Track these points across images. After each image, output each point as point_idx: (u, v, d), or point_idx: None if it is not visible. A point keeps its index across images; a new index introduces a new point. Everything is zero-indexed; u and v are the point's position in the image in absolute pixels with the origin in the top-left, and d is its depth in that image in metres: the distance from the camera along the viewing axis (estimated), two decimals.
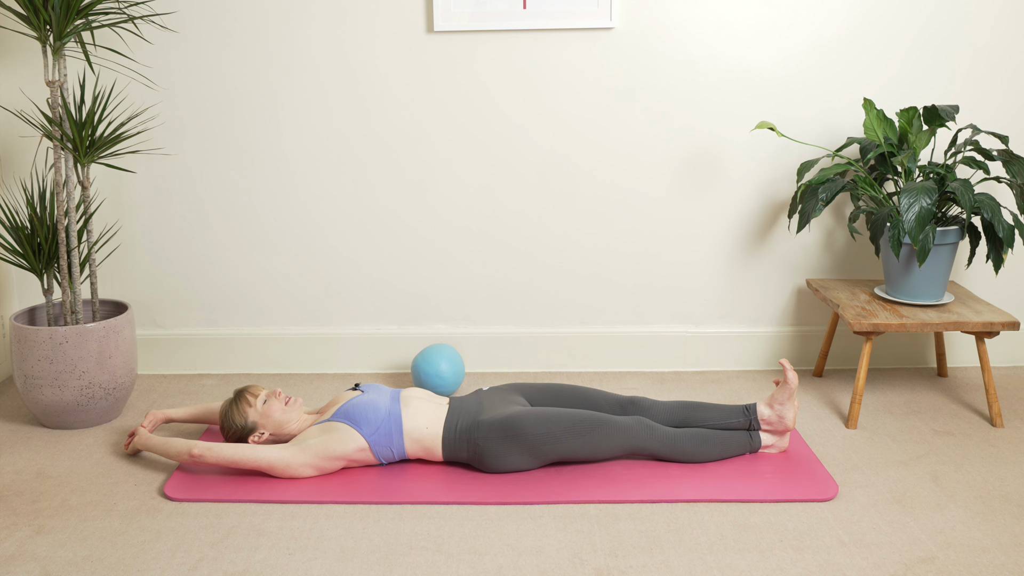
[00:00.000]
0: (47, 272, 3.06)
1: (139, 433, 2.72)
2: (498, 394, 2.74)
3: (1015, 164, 2.92)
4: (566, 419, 2.56)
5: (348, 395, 2.73)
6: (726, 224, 3.38)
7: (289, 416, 2.68)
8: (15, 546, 2.29)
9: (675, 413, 2.72)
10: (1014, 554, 2.22)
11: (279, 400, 2.68)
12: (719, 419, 2.69)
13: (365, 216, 3.39)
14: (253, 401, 2.67)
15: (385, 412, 2.61)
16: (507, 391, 2.77)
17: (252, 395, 2.69)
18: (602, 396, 2.77)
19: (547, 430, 2.54)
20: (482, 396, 2.73)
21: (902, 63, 3.26)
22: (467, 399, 2.72)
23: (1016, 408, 3.10)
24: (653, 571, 2.16)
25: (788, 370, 2.65)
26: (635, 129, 3.31)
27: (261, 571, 2.18)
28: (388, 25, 3.24)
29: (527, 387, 2.80)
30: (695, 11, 3.22)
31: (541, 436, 2.54)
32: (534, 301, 3.46)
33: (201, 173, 3.37)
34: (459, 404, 2.68)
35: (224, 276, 3.45)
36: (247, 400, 2.68)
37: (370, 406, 2.61)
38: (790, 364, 2.71)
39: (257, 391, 2.71)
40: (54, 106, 2.88)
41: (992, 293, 3.46)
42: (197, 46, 3.27)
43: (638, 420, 2.63)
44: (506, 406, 2.66)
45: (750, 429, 2.69)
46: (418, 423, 2.61)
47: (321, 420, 2.64)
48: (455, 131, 3.31)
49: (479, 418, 2.60)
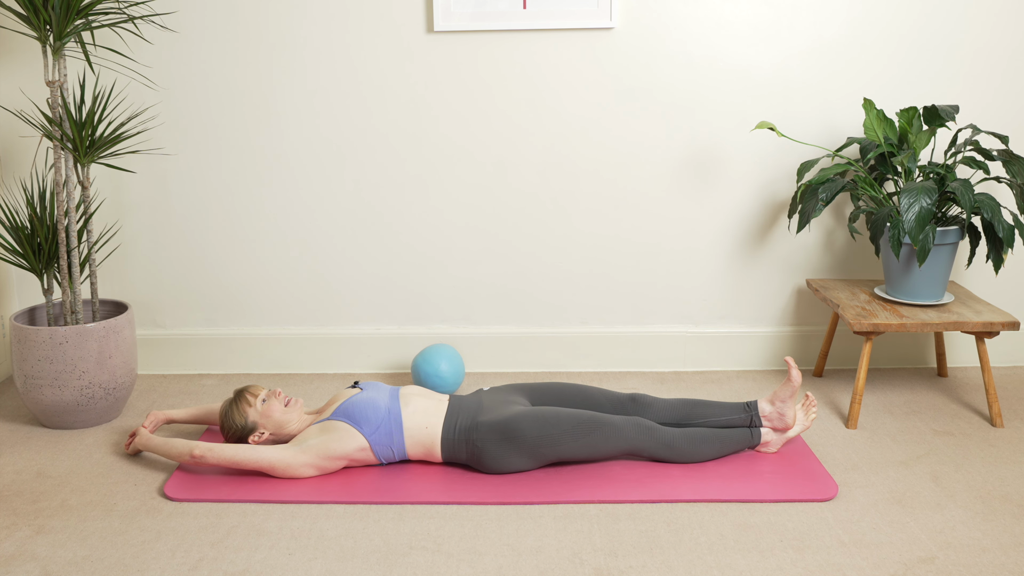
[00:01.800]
0: (47, 272, 3.06)
1: (140, 434, 2.72)
2: (498, 394, 2.74)
3: (1015, 164, 2.92)
4: (565, 421, 2.56)
5: (347, 393, 2.72)
6: (726, 224, 3.38)
7: (289, 416, 2.68)
8: (15, 546, 2.29)
9: (676, 410, 2.72)
10: (1014, 554, 2.22)
11: (279, 400, 2.68)
12: (720, 416, 2.69)
13: (365, 216, 3.39)
14: (253, 401, 2.67)
15: (385, 410, 2.60)
16: (507, 391, 2.76)
17: (252, 395, 2.69)
18: (603, 395, 2.77)
19: (545, 432, 2.54)
20: (482, 396, 2.72)
21: (902, 63, 3.26)
22: (467, 399, 2.71)
23: (1016, 408, 3.10)
24: (653, 571, 2.16)
25: (792, 368, 2.66)
26: (635, 129, 3.31)
27: (261, 571, 2.18)
28: (388, 25, 3.24)
29: (528, 387, 2.79)
30: (695, 11, 3.22)
31: (539, 438, 2.54)
32: (534, 301, 3.46)
33: (201, 173, 3.37)
34: (458, 403, 2.67)
35: (224, 276, 3.45)
36: (247, 400, 2.68)
37: (370, 404, 2.60)
38: (795, 363, 2.71)
39: (257, 391, 2.70)
40: (54, 106, 2.88)
41: (992, 293, 3.46)
42: (197, 46, 3.27)
43: (637, 422, 2.62)
44: (505, 407, 2.65)
45: (751, 426, 2.69)
46: (417, 422, 2.61)
47: (321, 419, 2.64)
48: (455, 131, 3.31)
49: (478, 419, 2.59)
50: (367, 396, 2.64)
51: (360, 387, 2.73)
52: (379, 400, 2.63)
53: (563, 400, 2.76)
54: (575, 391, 2.78)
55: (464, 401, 2.69)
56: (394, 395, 2.67)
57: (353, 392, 2.71)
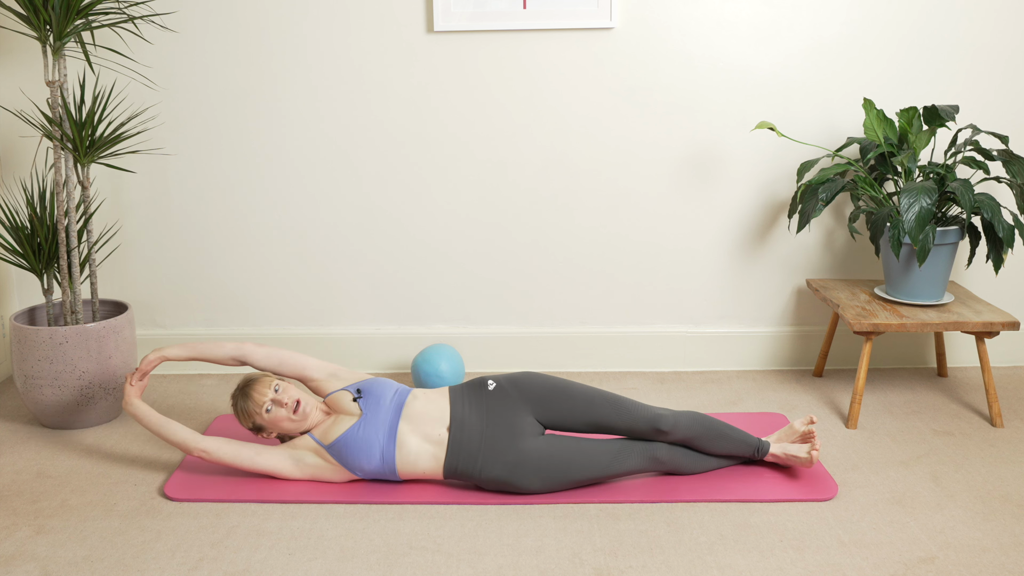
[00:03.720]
0: (47, 272, 3.06)
1: (135, 405, 2.62)
2: (501, 414, 2.52)
3: (1015, 164, 2.92)
4: (568, 476, 2.48)
5: (346, 409, 2.58)
6: (726, 224, 3.38)
7: (298, 425, 2.57)
8: (15, 546, 2.29)
9: (691, 431, 2.56)
10: (1014, 554, 2.22)
11: (286, 409, 2.54)
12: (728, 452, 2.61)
13: (365, 216, 3.39)
14: (259, 409, 2.55)
15: (379, 456, 2.49)
16: (513, 407, 2.54)
17: (257, 403, 2.54)
18: (617, 415, 2.55)
19: (547, 486, 2.49)
20: (484, 427, 2.50)
21: (902, 63, 3.26)
22: (467, 432, 2.50)
23: (1016, 408, 3.10)
24: (653, 571, 2.16)
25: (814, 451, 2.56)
26: (635, 129, 3.31)
27: (261, 571, 2.18)
28: (388, 25, 3.24)
29: (535, 399, 2.56)
30: (695, 11, 3.22)
31: (544, 486, 2.49)
32: (534, 301, 3.46)
33: (201, 173, 3.37)
34: (458, 437, 2.49)
35: (224, 276, 3.45)
36: (253, 409, 2.55)
37: (363, 448, 2.49)
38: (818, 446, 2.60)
39: (262, 397, 2.54)
40: (54, 106, 2.88)
41: (992, 293, 3.46)
42: (197, 46, 3.27)
43: (646, 457, 2.53)
44: (510, 440, 2.48)
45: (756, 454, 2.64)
46: (412, 463, 2.51)
47: (317, 437, 2.56)
48: (455, 131, 3.31)
49: (479, 465, 2.48)
50: (363, 435, 2.50)
51: (360, 403, 2.57)
52: (374, 441, 2.49)
53: (573, 419, 2.56)
54: (584, 409, 2.55)
55: (466, 430, 2.51)
56: (391, 430, 2.50)
57: (351, 414, 2.58)
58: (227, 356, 2.69)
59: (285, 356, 2.69)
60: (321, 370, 2.68)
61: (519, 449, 2.47)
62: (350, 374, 2.69)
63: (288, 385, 2.58)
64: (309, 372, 2.68)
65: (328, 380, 2.67)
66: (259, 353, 2.69)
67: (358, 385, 2.62)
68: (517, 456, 2.46)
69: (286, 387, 2.57)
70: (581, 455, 2.49)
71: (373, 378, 2.67)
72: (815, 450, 2.55)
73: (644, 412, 2.54)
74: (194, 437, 2.57)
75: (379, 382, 2.63)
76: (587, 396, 2.57)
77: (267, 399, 2.54)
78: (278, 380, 2.59)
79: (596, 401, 2.56)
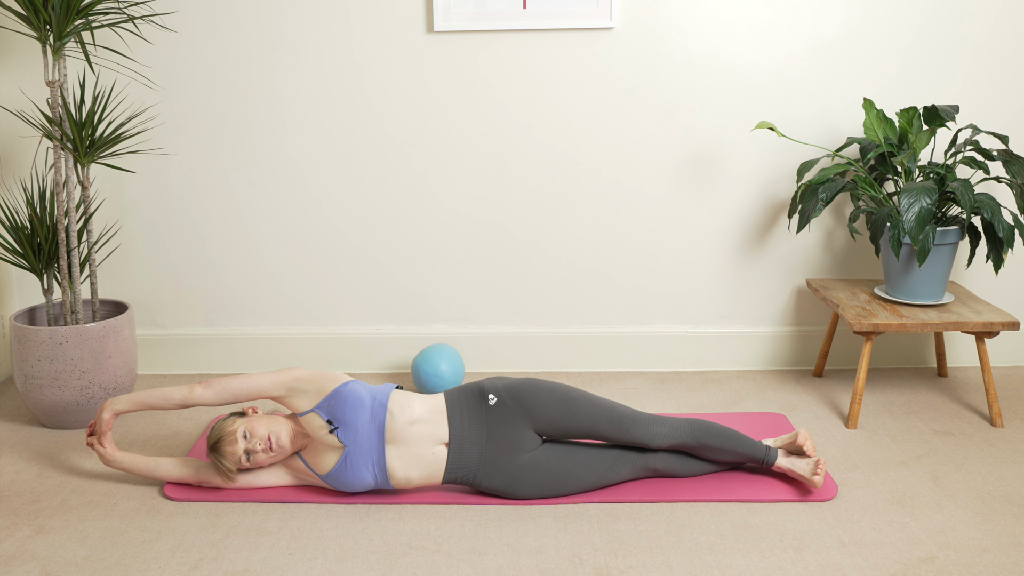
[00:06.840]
0: (47, 272, 3.06)
1: (116, 460, 2.56)
2: (502, 430, 2.46)
3: (1015, 164, 2.92)
4: (565, 487, 2.48)
5: (325, 438, 2.46)
6: (726, 224, 3.38)
7: (281, 454, 2.51)
8: (15, 546, 2.29)
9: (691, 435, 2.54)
10: (1014, 554, 2.22)
11: (263, 452, 2.47)
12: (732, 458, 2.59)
13: (365, 216, 3.39)
14: (237, 463, 2.47)
15: (373, 483, 2.46)
16: (514, 422, 2.47)
17: (233, 459, 2.46)
18: (616, 434, 2.50)
19: (544, 495, 2.48)
20: (484, 443, 2.46)
21: (902, 63, 3.26)
22: (467, 449, 2.46)
23: (1016, 408, 3.10)
24: (653, 571, 2.16)
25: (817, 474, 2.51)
26: (635, 129, 3.31)
27: (261, 571, 2.18)
28: (388, 25, 3.24)
29: (539, 415, 2.48)
30: (695, 11, 3.22)
31: (538, 497, 2.48)
32: (534, 301, 3.46)
33: (201, 173, 3.37)
34: (457, 454, 2.45)
35: (224, 276, 3.45)
36: (232, 465, 2.47)
37: (356, 479, 2.45)
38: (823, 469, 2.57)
39: (235, 452, 2.45)
40: (54, 106, 2.88)
41: (992, 293, 3.46)
42: (197, 46, 3.27)
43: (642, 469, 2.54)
44: (510, 456, 2.46)
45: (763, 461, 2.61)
46: (411, 484, 2.49)
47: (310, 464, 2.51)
48: (455, 131, 3.31)
49: (477, 479, 2.47)
50: (351, 469, 2.44)
51: (337, 433, 2.44)
52: (365, 472, 2.44)
53: (574, 434, 2.52)
54: (587, 427, 2.49)
55: (465, 448, 2.46)
56: (380, 459, 2.43)
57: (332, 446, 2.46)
58: (177, 404, 2.53)
59: (235, 388, 2.52)
60: (278, 387, 2.49)
61: (518, 464, 2.47)
62: (310, 382, 2.49)
63: (254, 424, 2.47)
64: (266, 394, 2.50)
65: (291, 396, 2.49)
66: (209, 395, 2.51)
67: (327, 412, 2.44)
68: (516, 470, 2.47)
69: (252, 428, 2.46)
70: (578, 466, 2.49)
71: (342, 392, 2.47)
72: (817, 475, 2.49)
73: (641, 433, 2.50)
74: (193, 474, 2.54)
75: (349, 402, 2.45)
76: (590, 415, 2.50)
77: (240, 451, 2.46)
78: (243, 423, 2.48)
79: (599, 421, 2.50)
